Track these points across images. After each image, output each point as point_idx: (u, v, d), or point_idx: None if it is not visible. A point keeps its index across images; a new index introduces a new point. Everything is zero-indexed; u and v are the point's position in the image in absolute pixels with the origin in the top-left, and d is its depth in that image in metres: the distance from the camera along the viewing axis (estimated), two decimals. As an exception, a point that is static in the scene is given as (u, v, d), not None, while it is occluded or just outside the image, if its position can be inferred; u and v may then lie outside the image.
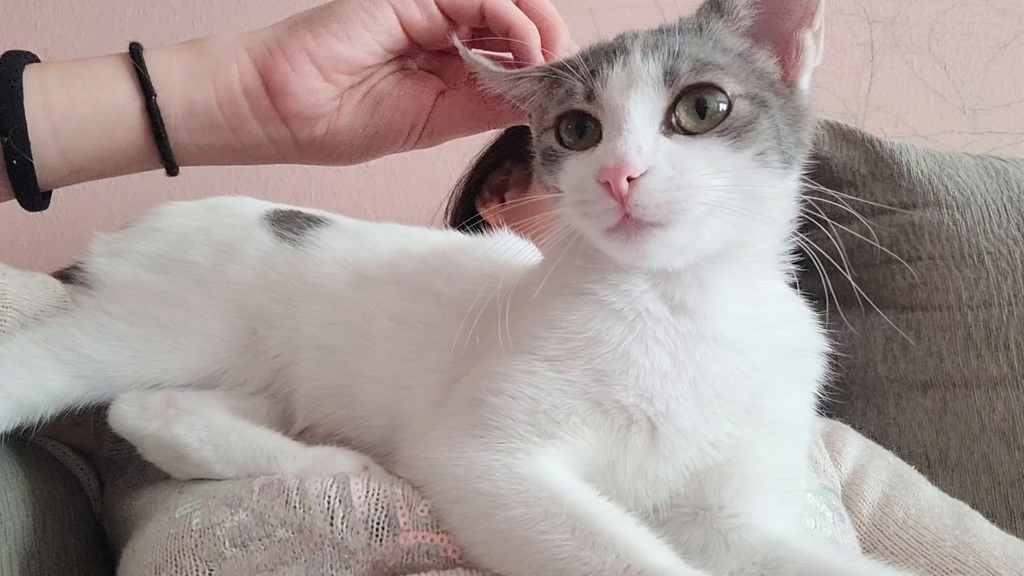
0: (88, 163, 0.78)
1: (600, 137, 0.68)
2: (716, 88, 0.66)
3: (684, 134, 0.66)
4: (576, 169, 0.69)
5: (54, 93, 0.76)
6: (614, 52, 0.69)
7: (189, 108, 0.78)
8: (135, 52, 0.78)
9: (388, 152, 0.87)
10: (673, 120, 0.66)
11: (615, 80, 0.67)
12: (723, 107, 0.66)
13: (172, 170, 0.82)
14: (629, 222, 0.64)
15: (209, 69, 0.79)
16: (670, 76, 0.66)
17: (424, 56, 0.87)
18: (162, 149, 0.79)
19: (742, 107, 0.67)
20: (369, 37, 0.79)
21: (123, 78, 0.77)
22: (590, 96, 0.69)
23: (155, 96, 0.77)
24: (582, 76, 0.69)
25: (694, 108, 0.66)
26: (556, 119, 0.71)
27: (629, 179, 0.63)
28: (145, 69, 0.77)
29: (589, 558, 0.60)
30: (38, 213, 0.81)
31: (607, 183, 0.63)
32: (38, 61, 0.79)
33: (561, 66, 0.71)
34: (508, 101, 0.80)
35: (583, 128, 0.70)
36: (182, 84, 0.78)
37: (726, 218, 0.66)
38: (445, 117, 0.85)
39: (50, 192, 0.81)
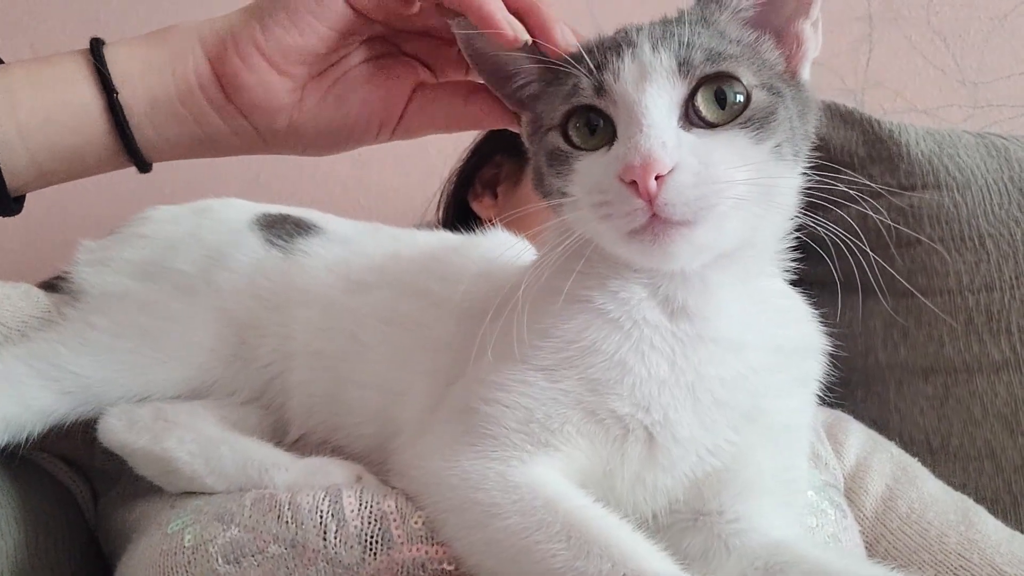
0: (58, 164, 0.77)
1: (613, 135, 0.66)
2: (733, 78, 0.64)
3: (704, 127, 0.64)
4: (591, 170, 0.66)
5: (19, 93, 0.74)
6: (619, 45, 0.66)
7: (151, 103, 0.77)
8: (95, 49, 0.76)
9: (362, 145, 0.84)
10: (692, 113, 0.64)
11: (627, 73, 0.64)
12: (741, 98, 0.64)
13: (143, 167, 0.80)
14: (657, 222, 0.62)
15: (168, 62, 0.77)
16: (685, 67, 0.64)
17: (403, 39, 0.83)
18: (128, 146, 0.77)
19: (761, 97, 0.65)
20: (317, 24, 0.75)
21: (85, 75, 0.75)
22: (599, 91, 0.66)
23: (116, 94, 0.75)
24: (588, 70, 0.66)
25: (714, 99, 0.64)
26: (563, 116, 0.68)
27: (656, 177, 0.60)
28: (105, 66, 0.75)
29: (585, 567, 0.59)
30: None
31: (633, 182, 0.61)
32: (2, 63, 0.77)
33: (562, 60, 0.69)
34: (493, 95, 0.78)
35: (593, 127, 0.67)
36: (143, 79, 0.76)
37: (747, 212, 0.64)
38: (421, 113, 0.82)
39: (22, 197, 0.79)
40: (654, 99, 0.63)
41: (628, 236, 0.64)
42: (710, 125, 0.64)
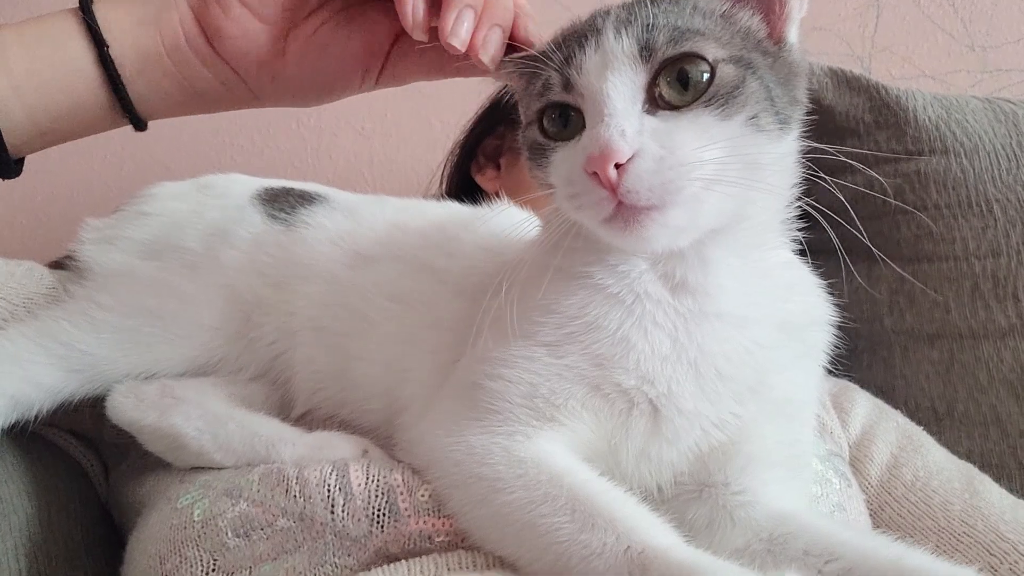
0: (55, 123, 0.77)
1: (584, 124, 0.66)
2: (697, 56, 0.63)
3: (669, 109, 0.63)
4: (564, 161, 0.67)
5: (11, 54, 0.75)
6: (586, 34, 0.66)
7: (141, 58, 0.77)
8: (84, 5, 0.77)
9: (348, 92, 0.84)
10: (656, 96, 0.63)
11: (590, 64, 0.64)
12: (706, 76, 0.63)
13: (138, 124, 0.81)
14: (624, 209, 0.62)
15: (154, 17, 0.77)
16: (646, 51, 0.63)
17: None
18: (122, 101, 0.78)
19: (726, 72, 0.64)
20: None
21: (75, 32, 0.76)
22: (567, 85, 0.66)
23: (107, 47, 0.76)
24: (557, 65, 0.66)
25: (676, 80, 0.63)
26: (537, 113, 0.69)
27: (617, 165, 0.60)
28: (95, 21, 0.76)
29: (589, 540, 0.60)
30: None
31: (595, 173, 0.61)
32: None
33: (535, 57, 0.69)
34: None
35: (567, 118, 0.67)
36: (132, 34, 0.77)
37: (724, 190, 0.63)
38: (404, 59, 0.82)
39: (22, 161, 0.80)
40: (616, 87, 0.63)
41: (603, 223, 0.64)
42: (674, 107, 0.63)
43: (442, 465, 0.69)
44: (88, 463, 0.99)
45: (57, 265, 1.00)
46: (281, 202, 0.95)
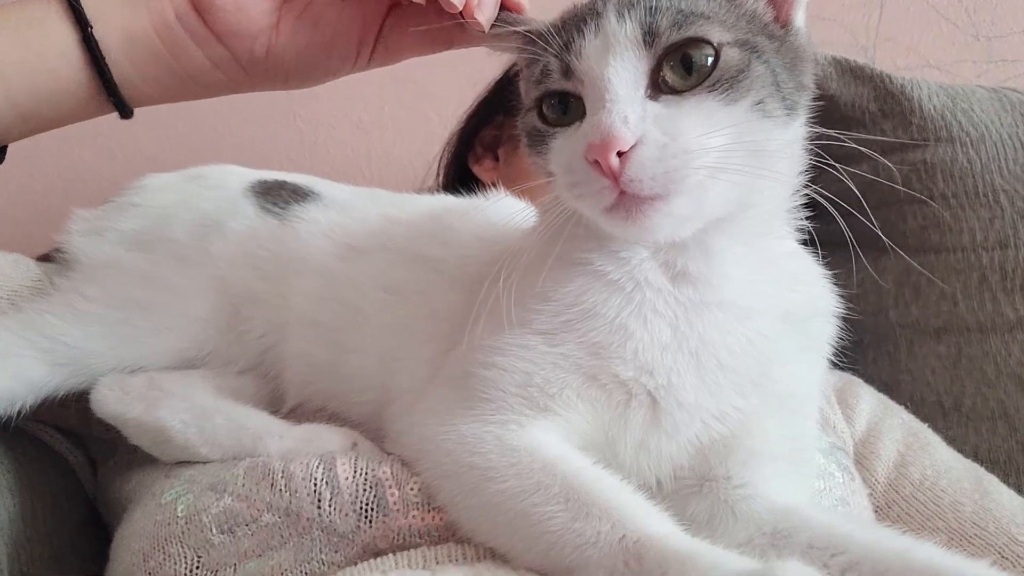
0: (39, 108, 0.76)
1: (585, 110, 0.64)
2: (702, 41, 0.61)
3: (672, 93, 0.61)
4: (564, 148, 0.65)
5: None
6: (586, 18, 0.64)
7: (128, 39, 0.75)
8: None
9: (343, 72, 0.82)
10: (660, 81, 0.62)
11: (590, 49, 0.63)
12: (710, 59, 0.61)
13: (124, 110, 0.79)
14: (626, 198, 0.60)
15: None
16: (650, 36, 0.61)
17: None
18: (106, 84, 0.76)
19: (731, 56, 0.62)
20: None
21: (59, 13, 0.74)
22: (567, 72, 0.64)
23: (90, 28, 0.74)
24: (556, 51, 0.65)
25: (680, 65, 0.61)
26: (536, 100, 0.67)
27: (620, 153, 0.58)
28: (78, 1, 0.74)
29: (583, 529, 0.58)
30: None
31: (596, 161, 0.59)
32: None
33: (532, 40, 0.67)
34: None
35: (566, 104, 0.65)
36: (118, 14, 0.75)
37: (729, 178, 0.61)
38: (398, 33, 0.80)
39: (5, 147, 0.79)
40: (618, 73, 0.61)
41: (604, 212, 0.63)
42: (676, 91, 0.61)
43: (433, 455, 0.68)
44: (75, 459, 0.98)
45: (47, 259, 0.98)
46: (275, 195, 0.93)
